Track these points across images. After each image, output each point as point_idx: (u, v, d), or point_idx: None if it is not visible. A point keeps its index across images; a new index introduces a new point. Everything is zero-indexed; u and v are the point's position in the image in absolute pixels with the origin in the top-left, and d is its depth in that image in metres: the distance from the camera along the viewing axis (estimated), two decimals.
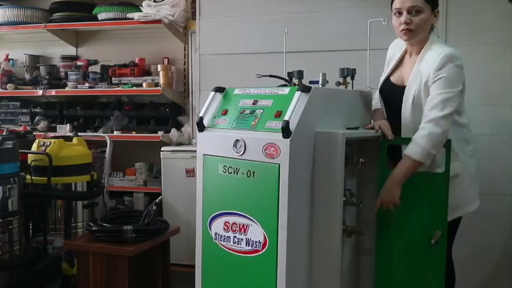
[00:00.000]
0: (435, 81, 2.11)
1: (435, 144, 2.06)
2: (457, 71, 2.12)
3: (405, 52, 2.34)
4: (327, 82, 2.30)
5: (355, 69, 2.45)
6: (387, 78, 2.36)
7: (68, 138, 3.19)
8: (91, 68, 4.10)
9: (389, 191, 2.08)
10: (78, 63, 4.11)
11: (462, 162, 2.22)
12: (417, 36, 2.19)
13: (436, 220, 2.09)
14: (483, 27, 3.02)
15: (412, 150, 2.07)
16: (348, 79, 2.45)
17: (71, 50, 4.34)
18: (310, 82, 2.27)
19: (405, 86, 2.22)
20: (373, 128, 2.18)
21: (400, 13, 2.17)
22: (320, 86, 2.23)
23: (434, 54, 2.15)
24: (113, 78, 3.95)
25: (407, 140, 2.14)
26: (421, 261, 2.15)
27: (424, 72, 2.16)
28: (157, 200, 3.02)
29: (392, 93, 2.30)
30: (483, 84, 3.00)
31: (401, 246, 2.19)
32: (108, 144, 3.51)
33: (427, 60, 2.16)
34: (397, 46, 2.40)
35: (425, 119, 2.09)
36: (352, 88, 2.47)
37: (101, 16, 3.92)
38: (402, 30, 2.18)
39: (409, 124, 2.18)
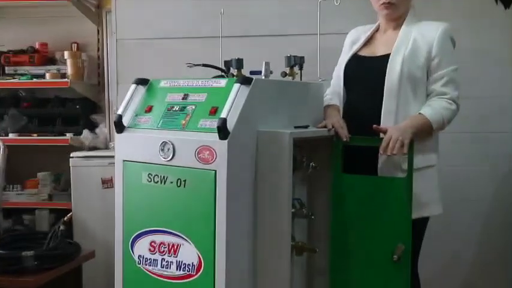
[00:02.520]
0: (444, 54, 2.30)
1: (450, 119, 2.31)
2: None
3: (376, 30, 2.49)
4: (271, 72, 2.34)
5: (303, 57, 2.50)
6: (355, 54, 2.46)
7: None
8: None
9: (402, 129, 2.16)
10: None
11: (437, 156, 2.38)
12: (398, 11, 2.36)
13: (398, 232, 2.16)
14: None
15: (431, 115, 2.25)
16: (296, 69, 2.50)
17: None
18: (251, 72, 2.30)
19: (383, 55, 2.34)
20: (325, 127, 2.24)
21: None
22: (263, 77, 2.26)
23: (432, 24, 2.34)
24: (6, 68, 3.83)
25: (364, 141, 2.21)
26: (382, 281, 2.21)
27: (419, 38, 2.31)
28: (65, 218, 2.97)
29: (366, 66, 2.41)
30: None
31: (359, 264, 2.25)
32: (1, 150, 3.40)
33: (424, 29, 2.33)
34: (360, 30, 2.53)
35: (443, 93, 2.29)
36: (301, 79, 2.52)
37: None
38: (383, 3, 2.33)
39: (393, 90, 2.28)
